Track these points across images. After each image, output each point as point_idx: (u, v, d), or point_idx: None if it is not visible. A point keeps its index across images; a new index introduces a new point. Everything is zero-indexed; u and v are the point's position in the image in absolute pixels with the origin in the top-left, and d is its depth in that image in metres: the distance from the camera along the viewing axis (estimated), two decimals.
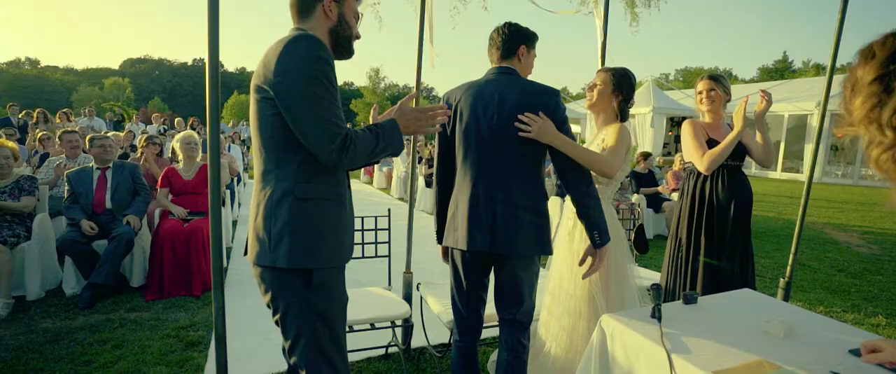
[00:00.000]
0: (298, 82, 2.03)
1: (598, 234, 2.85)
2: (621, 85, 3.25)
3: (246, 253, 2.33)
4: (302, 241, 2.14)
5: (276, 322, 2.28)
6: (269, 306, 2.28)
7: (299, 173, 2.14)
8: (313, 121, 2.03)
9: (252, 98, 2.19)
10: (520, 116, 2.72)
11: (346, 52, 2.39)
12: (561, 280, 3.30)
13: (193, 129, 16.52)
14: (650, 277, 4.50)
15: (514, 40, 2.89)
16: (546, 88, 2.86)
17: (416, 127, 2.33)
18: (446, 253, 3.19)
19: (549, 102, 2.79)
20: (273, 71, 2.06)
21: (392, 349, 4.18)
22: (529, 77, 2.97)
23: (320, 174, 2.18)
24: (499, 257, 2.85)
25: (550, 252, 2.91)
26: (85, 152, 7.06)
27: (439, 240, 3.14)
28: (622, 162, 3.05)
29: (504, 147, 2.77)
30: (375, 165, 16.66)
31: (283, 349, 2.35)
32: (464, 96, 2.89)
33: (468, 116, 2.84)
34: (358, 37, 2.41)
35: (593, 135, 3.42)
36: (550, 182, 10.40)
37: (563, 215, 3.49)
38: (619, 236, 3.30)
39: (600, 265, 2.90)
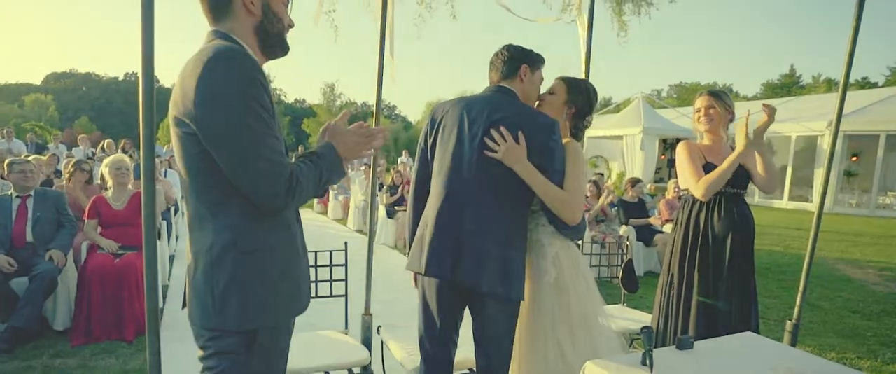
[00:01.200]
0: (225, 114, 1.85)
1: None
2: (576, 96, 3.19)
3: (184, 306, 2.19)
4: (252, 298, 2.01)
5: None
6: (201, 360, 2.18)
7: (241, 219, 1.99)
8: (249, 163, 1.87)
9: (172, 132, 2.00)
10: (492, 131, 2.74)
11: (280, 49, 2.24)
12: (520, 324, 3.26)
13: (125, 152, 16.40)
14: (640, 319, 4.49)
15: (516, 60, 2.95)
16: (545, 115, 2.90)
17: (354, 152, 2.26)
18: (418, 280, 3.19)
19: (545, 128, 2.80)
20: (192, 99, 1.85)
21: None
22: None
23: (265, 217, 2.04)
24: (473, 293, 2.85)
25: (519, 297, 2.86)
26: (2, 179, 6.97)
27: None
28: (583, 196, 3.01)
29: (485, 168, 2.78)
30: (330, 193, 16.62)
31: None
32: (451, 110, 2.93)
33: (450, 131, 2.87)
34: (291, 26, 2.25)
35: None
36: None
37: None
38: (584, 273, 3.24)
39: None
